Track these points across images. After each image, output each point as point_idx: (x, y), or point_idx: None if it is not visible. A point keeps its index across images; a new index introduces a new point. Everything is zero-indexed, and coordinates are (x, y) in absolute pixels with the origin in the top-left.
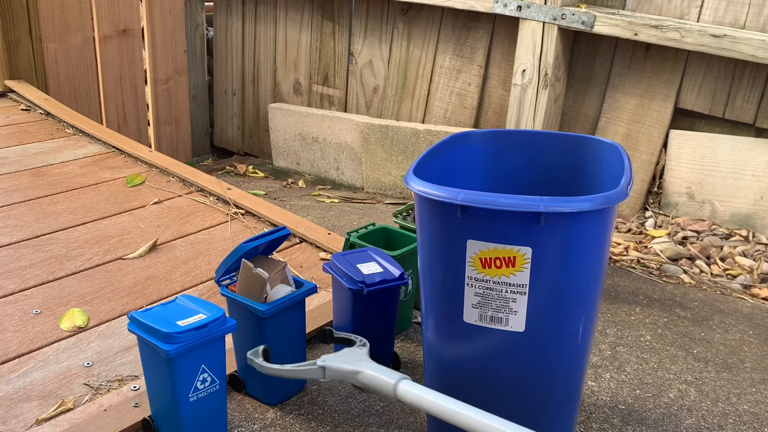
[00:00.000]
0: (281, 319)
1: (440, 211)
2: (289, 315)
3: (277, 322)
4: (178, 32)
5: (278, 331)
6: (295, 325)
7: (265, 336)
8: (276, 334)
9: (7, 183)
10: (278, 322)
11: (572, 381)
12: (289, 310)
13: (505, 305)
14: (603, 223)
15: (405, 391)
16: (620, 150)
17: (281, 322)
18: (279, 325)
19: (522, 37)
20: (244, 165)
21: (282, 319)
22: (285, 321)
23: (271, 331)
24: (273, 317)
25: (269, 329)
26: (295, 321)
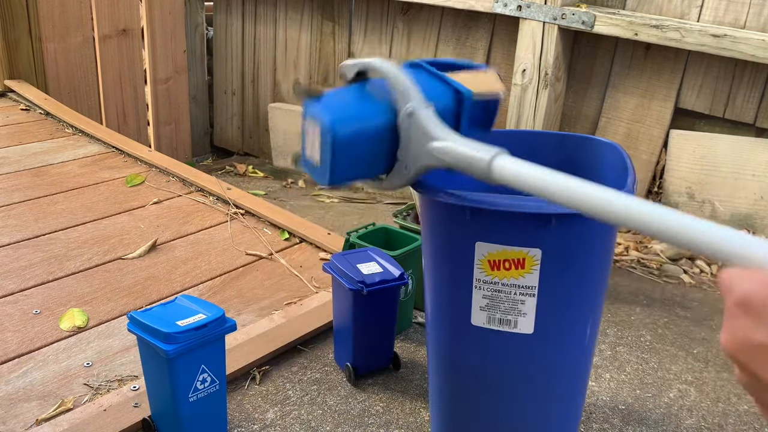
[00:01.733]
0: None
1: (447, 214)
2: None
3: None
4: (178, 32)
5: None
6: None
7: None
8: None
9: (6, 183)
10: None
11: (578, 381)
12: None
13: (514, 307)
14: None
15: (502, 168)
16: (620, 150)
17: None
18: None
19: (522, 36)
20: (243, 165)
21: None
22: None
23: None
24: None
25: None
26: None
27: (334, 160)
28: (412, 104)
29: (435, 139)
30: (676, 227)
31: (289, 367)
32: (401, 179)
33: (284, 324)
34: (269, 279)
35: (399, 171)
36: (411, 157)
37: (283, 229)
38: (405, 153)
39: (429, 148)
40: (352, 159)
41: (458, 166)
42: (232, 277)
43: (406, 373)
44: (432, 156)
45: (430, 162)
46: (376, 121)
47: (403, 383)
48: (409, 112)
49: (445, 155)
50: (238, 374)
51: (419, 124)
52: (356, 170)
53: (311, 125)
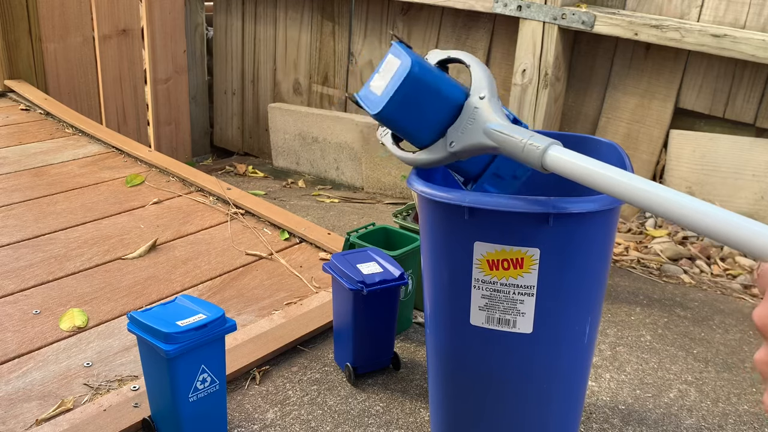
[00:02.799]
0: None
1: (446, 213)
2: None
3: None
4: (178, 32)
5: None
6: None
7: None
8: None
9: (6, 183)
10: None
11: (578, 381)
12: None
13: (513, 307)
14: (608, 223)
15: (555, 157)
16: (619, 149)
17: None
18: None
19: (522, 36)
20: (243, 165)
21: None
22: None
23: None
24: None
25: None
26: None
27: (399, 92)
28: (487, 92)
29: (497, 122)
30: (725, 226)
31: (289, 367)
32: (441, 154)
33: (284, 324)
34: (269, 279)
35: (443, 146)
36: (463, 135)
37: (283, 229)
38: (457, 131)
39: (488, 128)
40: (412, 103)
41: (511, 148)
42: (232, 277)
43: (406, 373)
44: (488, 135)
45: (482, 141)
46: (447, 89)
47: (403, 383)
48: (483, 95)
49: (503, 136)
50: (238, 374)
51: (488, 107)
52: (407, 116)
53: (392, 60)
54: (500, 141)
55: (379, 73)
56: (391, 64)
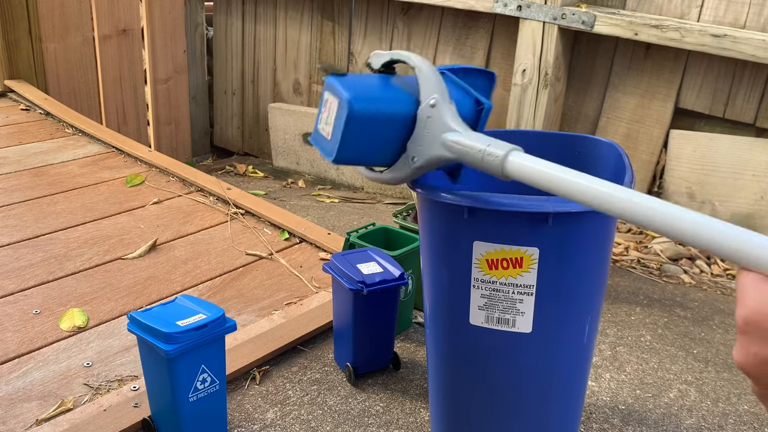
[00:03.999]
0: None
1: (446, 213)
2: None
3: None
4: (178, 32)
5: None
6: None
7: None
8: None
9: (6, 183)
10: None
11: (578, 381)
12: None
13: (512, 306)
14: (608, 223)
15: (515, 164)
16: (618, 149)
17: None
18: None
19: (522, 36)
20: (243, 165)
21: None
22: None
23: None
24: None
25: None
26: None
27: (346, 135)
28: (437, 96)
29: (453, 131)
30: (688, 226)
31: (289, 367)
32: (405, 171)
33: (284, 324)
34: (269, 279)
35: (405, 162)
36: (422, 148)
37: (283, 229)
38: (416, 144)
39: (444, 139)
40: (363, 139)
41: (471, 159)
42: (232, 277)
43: (406, 373)
44: (446, 147)
45: (441, 153)
46: (394, 107)
47: (403, 383)
48: (433, 103)
49: (460, 147)
50: (238, 374)
51: (440, 115)
52: (364, 152)
53: (330, 98)
54: (458, 153)
55: (322, 114)
56: (330, 103)
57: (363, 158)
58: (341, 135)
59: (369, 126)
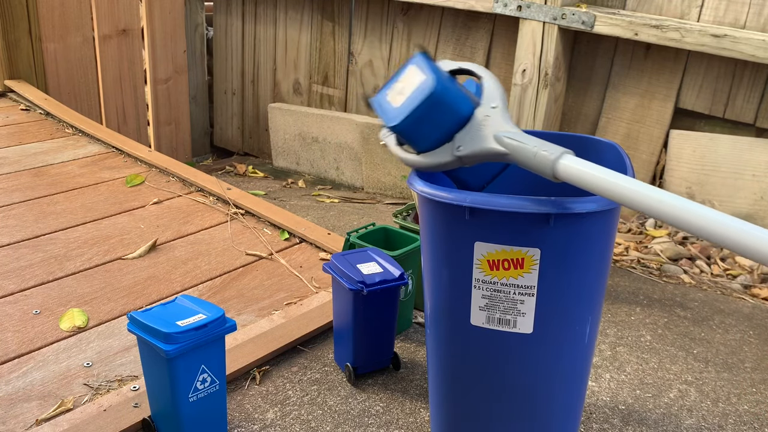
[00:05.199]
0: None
1: (447, 214)
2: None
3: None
4: (178, 32)
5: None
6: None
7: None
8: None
9: (6, 183)
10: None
11: (578, 381)
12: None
13: (513, 307)
14: (609, 223)
15: (566, 167)
16: (618, 149)
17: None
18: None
19: (522, 37)
20: (243, 165)
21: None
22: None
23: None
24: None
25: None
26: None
27: (418, 109)
28: (499, 102)
29: (509, 131)
30: (737, 235)
31: (289, 367)
32: (446, 158)
33: (284, 324)
34: (269, 279)
35: (448, 150)
36: (471, 140)
37: (283, 229)
38: (466, 136)
39: (500, 135)
40: (428, 118)
41: (523, 156)
42: (232, 277)
43: (406, 373)
44: (499, 141)
45: (492, 146)
46: (461, 105)
47: (403, 383)
48: (494, 105)
49: (515, 143)
50: (238, 374)
51: (499, 116)
52: (420, 129)
53: (414, 72)
54: (512, 147)
55: (399, 82)
56: (412, 76)
57: (415, 134)
58: (414, 107)
59: (439, 110)
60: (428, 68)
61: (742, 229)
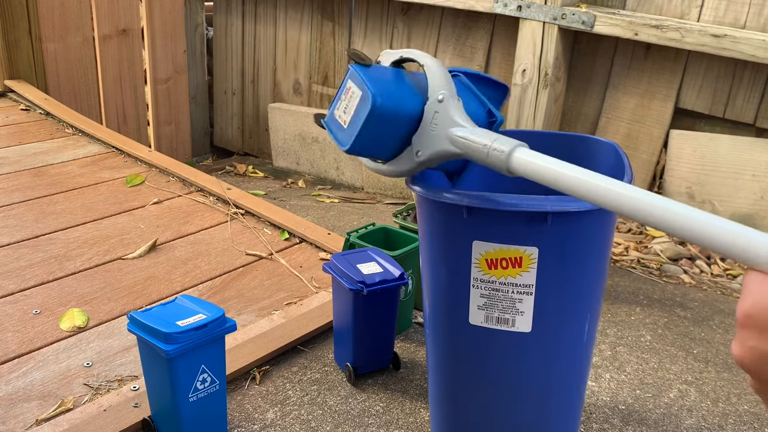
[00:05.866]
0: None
1: (445, 213)
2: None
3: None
4: (178, 32)
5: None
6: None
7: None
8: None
9: (6, 183)
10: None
11: (578, 380)
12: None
13: (512, 306)
14: (607, 222)
15: (520, 160)
16: (618, 149)
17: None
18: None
19: (522, 37)
20: (243, 165)
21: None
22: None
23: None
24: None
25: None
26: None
27: (364, 127)
28: (445, 92)
29: (459, 126)
30: (692, 224)
31: (289, 367)
32: (408, 164)
33: (284, 324)
34: (269, 279)
35: (409, 156)
36: (427, 142)
37: (283, 229)
38: (421, 139)
39: (451, 134)
40: (378, 133)
41: (476, 154)
42: (232, 277)
43: (406, 373)
44: (452, 141)
45: (446, 148)
46: (409, 104)
47: (403, 383)
48: (440, 98)
49: (466, 142)
50: (238, 374)
51: (447, 111)
52: (376, 144)
53: (353, 88)
54: (463, 147)
55: (342, 100)
56: (353, 92)
57: (373, 150)
58: (360, 128)
59: (385, 122)
60: (365, 80)
61: (708, 222)
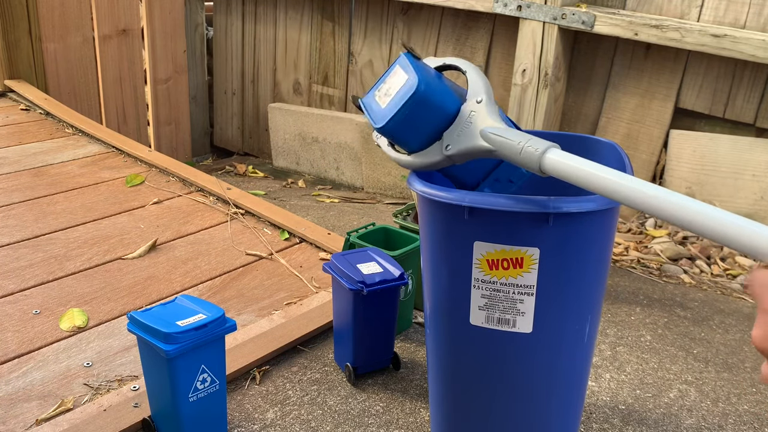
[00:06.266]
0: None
1: (446, 213)
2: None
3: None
4: (178, 32)
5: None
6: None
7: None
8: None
9: (6, 183)
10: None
11: (578, 380)
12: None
13: (513, 307)
14: (608, 223)
15: (553, 161)
16: (618, 149)
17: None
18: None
19: (522, 37)
20: (243, 165)
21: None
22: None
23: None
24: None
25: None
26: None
27: (402, 109)
28: (485, 96)
29: (495, 126)
30: (726, 227)
31: (289, 367)
32: (436, 157)
33: (284, 324)
34: (269, 279)
35: (437, 149)
36: (459, 138)
37: (283, 229)
38: (454, 134)
39: (486, 130)
40: (413, 119)
41: (509, 151)
42: (232, 277)
43: (406, 373)
44: (485, 138)
45: (479, 144)
46: (447, 101)
47: (403, 383)
48: (480, 100)
49: (501, 139)
50: (238, 374)
51: (485, 111)
52: (407, 130)
53: (399, 73)
54: (497, 144)
55: (385, 83)
56: (398, 76)
57: (403, 135)
58: (399, 108)
59: (424, 110)
60: (412, 68)
61: (740, 225)
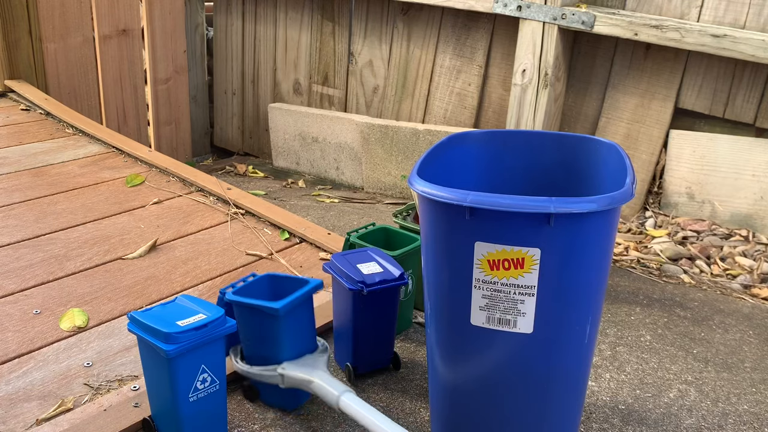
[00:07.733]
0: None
1: (447, 213)
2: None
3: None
4: (178, 32)
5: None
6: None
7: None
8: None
9: (6, 183)
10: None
11: (578, 381)
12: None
13: (513, 307)
14: (609, 223)
15: (346, 404)
16: (619, 149)
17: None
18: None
19: (522, 37)
20: (244, 165)
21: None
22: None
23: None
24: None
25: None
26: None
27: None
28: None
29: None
30: None
31: None
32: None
33: None
34: None
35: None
36: (291, 377)
37: (283, 229)
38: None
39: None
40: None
41: (319, 392)
42: (232, 277)
43: (406, 373)
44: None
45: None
46: None
47: (403, 383)
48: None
49: (311, 389)
50: (239, 374)
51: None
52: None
53: None
54: (310, 388)
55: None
56: None
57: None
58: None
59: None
60: None
61: None
